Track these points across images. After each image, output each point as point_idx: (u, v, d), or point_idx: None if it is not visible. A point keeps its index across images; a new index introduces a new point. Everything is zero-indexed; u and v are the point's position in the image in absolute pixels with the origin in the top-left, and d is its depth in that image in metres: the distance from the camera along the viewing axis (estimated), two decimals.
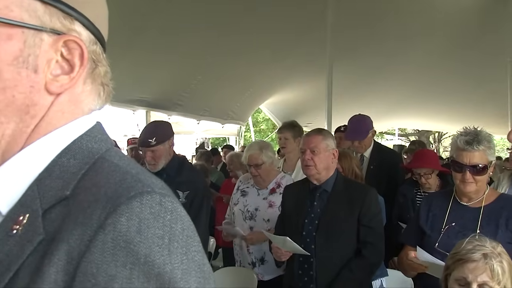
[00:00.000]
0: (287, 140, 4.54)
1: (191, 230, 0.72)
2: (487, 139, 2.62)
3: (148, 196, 0.69)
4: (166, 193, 0.72)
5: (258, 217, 3.85)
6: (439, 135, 24.89)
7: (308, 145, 3.11)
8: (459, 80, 10.42)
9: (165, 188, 0.74)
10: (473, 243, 1.92)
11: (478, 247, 1.89)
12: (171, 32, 6.75)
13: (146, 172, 0.77)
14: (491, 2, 7.80)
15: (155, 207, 0.68)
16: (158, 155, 3.53)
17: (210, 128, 11.78)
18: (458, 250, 1.94)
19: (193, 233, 0.72)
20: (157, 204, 0.69)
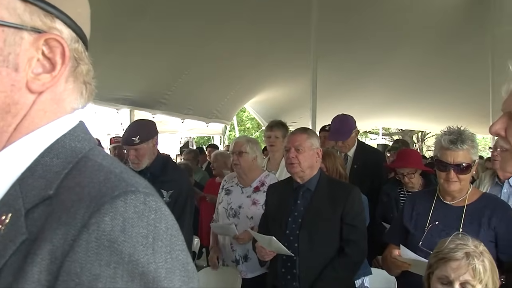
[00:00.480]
0: (277, 138, 4.56)
1: (175, 229, 0.72)
2: (471, 139, 2.65)
3: (132, 195, 0.69)
4: (150, 192, 0.72)
5: (241, 215, 3.86)
6: (423, 135, 25.12)
7: (293, 143, 3.12)
8: (442, 81, 10.52)
9: (149, 187, 0.74)
10: (456, 242, 1.93)
11: (460, 246, 1.90)
12: (155, 31, 6.72)
13: (130, 171, 0.76)
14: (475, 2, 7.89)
15: (139, 206, 0.68)
16: (142, 154, 3.51)
17: (195, 127, 11.75)
18: (441, 249, 1.96)
19: (177, 232, 0.72)
20: (141, 203, 0.69)
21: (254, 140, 4.15)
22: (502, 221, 2.62)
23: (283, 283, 3.06)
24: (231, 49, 8.00)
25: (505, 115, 1.40)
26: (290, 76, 9.75)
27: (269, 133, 4.67)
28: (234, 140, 4.05)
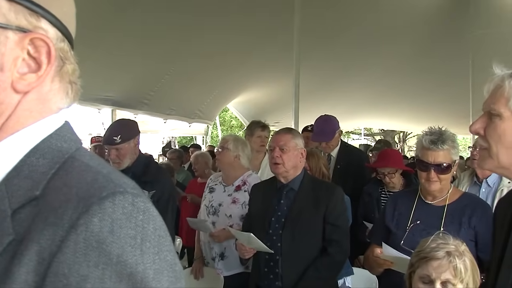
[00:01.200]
0: (267, 138, 4.61)
1: (163, 230, 0.72)
2: (451, 139, 2.68)
3: (121, 196, 0.69)
4: (139, 193, 0.72)
5: (220, 213, 3.87)
6: (404, 135, 25.32)
7: (278, 142, 3.13)
8: (423, 82, 10.63)
9: (137, 188, 0.74)
10: (437, 241, 1.95)
11: (442, 245, 1.93)
12: (138, 31, 6.68)
13: (117, 172, 0.76)
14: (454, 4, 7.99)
15: (127, 207, 0.68)
16: (123, 154, 3.49)
17: (177, 127, 11.70)
18: (423, 248, 1.98)
19: (165, 233, 0.72)
20: (130, 204, 0.69)
21: (242, 139, 4.16)
22: (482, 220, 2.66)
23: (266, 283, 3.07)
24: (214, 50, 7.98)
25: (485, 114, 1.43)
26: (272, 76, 9.77)
27: (260, 132, 4.71)
28: (222, 136, 4.10)
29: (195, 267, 4.11)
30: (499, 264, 1.54)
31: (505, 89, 1.37)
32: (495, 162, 1.42)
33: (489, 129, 1.41)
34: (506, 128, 1.38)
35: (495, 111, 1.39)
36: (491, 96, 1.42)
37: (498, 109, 1.38)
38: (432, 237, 2.00)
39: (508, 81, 1.37)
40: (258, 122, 4.92)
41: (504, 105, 1.37)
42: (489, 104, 1.42)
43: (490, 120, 1.41)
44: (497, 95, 1.39)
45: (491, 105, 1.40)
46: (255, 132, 4.78)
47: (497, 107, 1.38)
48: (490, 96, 1.42)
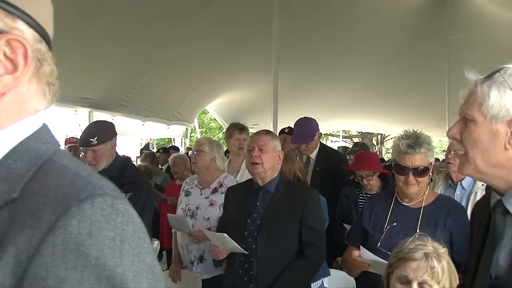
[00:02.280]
0: (245, 141, 4.59)
1: (142, 232, 0.72)
2: (427, 142, 2.72)
3: (100, 198, 0.68)
4: (118, 195, 0.72)
5: (198, 215, 3.86)
6: (382, 137, 25.53)
7: (257, 142, 3.13)
8: (400, 85, 10.74)
9: (116, 190, 0.74)
10: (416, 242, 1.98)
11: (420, 246, 1.95)
12: (116, 31, 6.63)
13: (96, 174, 0.76)
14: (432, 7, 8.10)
15: (106, 209, 0.68)
16: (100, 155, 3.45)
17: (155, 129, 11.63)
18: (401, 249, 2.00)
19: (144, 235, 0.72)
20: (109, 206, 0.68)
21: (217, 142, 4.16)
22: (456, 222, 2.70)
23: (240, 285, 3.06)
24: (193, 52, 7.96)
25: (461, 120, 1.45)
26: (251, 78, 9.77)
27: (238, 135, 4.70)
28: (196, 139, 4.07)
29: (173, 270, 4.09)
30: (476, 267, 1.56)
31: (478, 94, 1.39)
32: (473, 166, 1.44)
33: (465, 134, 1.43)
34: (480, 133, 1.40)
35: (469, 116, 1.41)
36: (465, 101, 1.44)
37: (472, 114, 1.40)
38: (411, 238, 2.02)
39: (481, 86, 1.39)
40: (237, 124, 4.92)
41: (478, 110, 1.39)
42: (464, 109, 1.44)
43: (466, 125, 1.43)
44: (470, 100, 1.42)
45: (466, 110, 1.43)
46: (234, 134, 4.77)
47: (471, 112, 1.41)
48: (465, 101, 1.44)
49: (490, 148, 1.40)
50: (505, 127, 1.38)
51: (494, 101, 1.37)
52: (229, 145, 4.95)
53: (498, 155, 1.41)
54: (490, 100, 1.37)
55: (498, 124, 1.38)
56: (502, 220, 1.47)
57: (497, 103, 1.37)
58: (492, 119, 1.38)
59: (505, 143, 1.39)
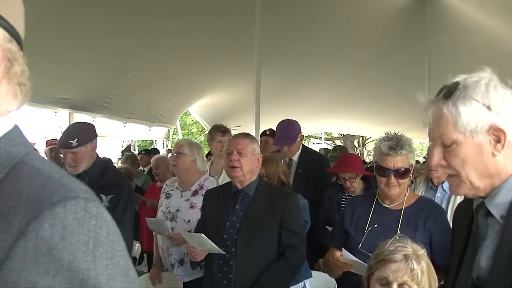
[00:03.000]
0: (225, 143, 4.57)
1: (116, 235, 0.71)
2: (408, 144, 2.74)
3: (73, 201, 0.67)
4: (91, 198, 0.71)
5: (179, 218, 3.85)
6: (363, 139, 25.68)
7: (236, 146, 3.11)
8: (382, 87, 10.82)
9: (89, 192, 0.73)
10: (396, 244, 1.98)
11: (400, 248, 1.96)
12: (97, 31, 6.57)
13: (69, 176, 0.75)
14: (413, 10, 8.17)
15: (79, 213, 0.67)
16: (80, 157, 3.42)
17: (137, 131, 11.55)
18: (381, 251, 2.00)
19: (118, 238, 0.71)
20: (82, 210, 0.68)
21: (196, 144, 4.14)
22: (436, 223, 2.73)
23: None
24: (175, 53, 7.93)
25: (438, 146, 1.45)
26: (234, 81, 9.78)
27: (220, 137, 4.68)
28: (175, 142, 4.04)
29: (153, 272, 4.07)
30: (458, 268, 1.57)
31: (448, 116, 1.39)
32: (468, 185, 1.44)
33: (450, 158, 1.43)
34: (466, 151, 1.40)
35: (448, 140, 1.41)
36: (435, 128, 1.43)
37: (451, 137, 1.40)
38: (391, 240, 2.03)
39: (447, 107, 1.39)
40: (219, 126, 4.90)
41: (454, 131, 1.39)
42: (438, 136, 1.43)
43: (446, 149, 1.43)
44: (442, 125, 1.41)
45: (442, 137, 1.42)
46: (216, 137, 4.76)
47: (449, 136, 1.40)
48: (434, 128, 1.43)
49: (481, 162, 1.41)
50: (486, 136, 1.39)
51: (467, 117, 1.37)
52: (212, 147, 4.94)
53: (488, 165, 1.41)
54: (462, 117, 1.37)
55: (479, 137, 1.39)
56: (484, 221, 1.49)
57: (471, 117, 1.37)
58: (472, 134, 1.38)
59: (491, 151, 1.40)
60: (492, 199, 1.45)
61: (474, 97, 1.37)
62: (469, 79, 1.41)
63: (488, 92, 1.38)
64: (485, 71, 1.43)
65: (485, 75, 1.42)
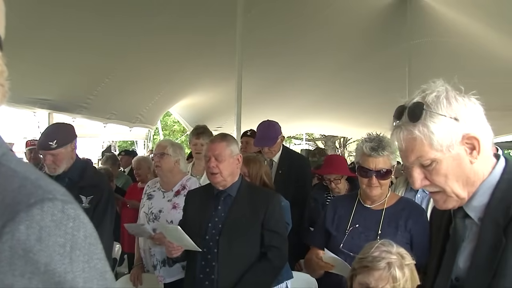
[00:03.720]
0: (203, 146, 4.53)
1: (94, 238, 0.70)
2: (390, 145, 2.76)
3: (50, 203, 0.66)
4: (69, 200, 0.70)
5: (161, 219, 3.83)
6: (344, 140, 25.81)
7: (213, 152, 3.09)
8: (362, 89, 10.89)
9: (67, 194, 0.72)
10: (381, 249, 2.00)
11: (384, 254, 1.97)
12: (77, 31, 6.49)
13: (46, 178, 0.73)
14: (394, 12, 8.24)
15: (57, 215, 0.66)
16: (59, 159, 3.39)
17: (117, 131, 11.48)
18: (366, 256, 2.02)
19: (96, 240, 0.70)
20: (59, 212, 0.67)
21: (178, 144, 4.13)
22: (417, 223, 2.76)
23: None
24: (156, 54, 7.88)
25: (417, 167, 1.46)
26: (215, 81, 9.75)
27: (195, 140, 4.65)
28: (157, 142, 4.01)
29: (134, 274, 4.04)
30: (437, 269, 1.59)
31: (421, 138, 1.40)
32: (455, 197, 1.46)
33: (432, 176, 1.44)
34: (447, 166, 1.42)
35: (427, 161, 1.42)
36: (410, 152, 1.44)
37: (429, 157, 1.41)
38: (377, 243, 2.04)
39: (417, 129, 1.40)
40: (196, 128, 4.86)
41: (431, 150, 1.40)
42: (415, 159, 1.44)
43: (426, 169, 1.44)
44: (416, 148, 1.42)
45: (419, 159, 1.43)
46: (192, 139, 4.73)
47: (427, 156, 1.41)
48: (409, 152, 1.44)
49: (462, 173, 1.43)
50: (461, 146, 1.41)
51: (440, 134, 1.38)
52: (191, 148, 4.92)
53: (469, 174, 1.44)
54: (436, 136, 1.38)
55: (455, 149, 1.40)
56: (462, 224, 1.51)
57: (444, 133, 1.38)
58: (449, 149, 1.40)
59: (469, 159, 1.42)
60: (470, 202, 1.48)
61: (440, 113, 1.39)
62: (428, 96, 1.42)
63: (451, 104, 1.40)
64: (436, 83, 1.45)
65: (440, 87, 1.43)
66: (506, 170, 1.48)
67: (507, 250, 1.36)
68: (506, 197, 1.43)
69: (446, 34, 8.27)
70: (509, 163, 1.50)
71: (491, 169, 1.47)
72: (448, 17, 7.91)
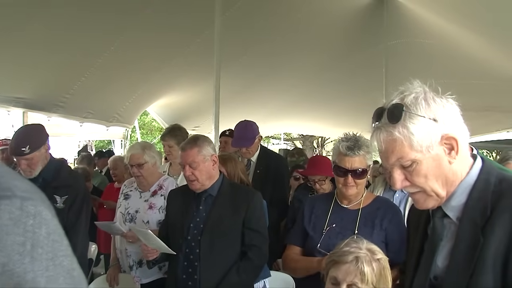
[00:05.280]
0: (171, 148, 4.48)
1: (58, 234, 0.68)
2: (366, 144, 2.78)
3: (7, 200, 0.64)
4: (29, 197, 0.67)
5: (138, 219, 3.80)
6: (322, 140, 25.91)
7: (186, 160, 3.07)
8: (340, 89, 10.93)
9: (29, 191, 0.69)
10: (350, 245, 2.02)
11: (353, 249, 1.99)
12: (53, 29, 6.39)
13: (8, 174, 0.71)
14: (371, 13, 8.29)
15: (15, 212, 0.64)
16: (34, 162, 3.34)
17: (94, 130, 11.32)
18: (335, 251, 2.04)
19: (61, 237, 0.68)
20: (18, 209, 0.64)
21: (149, 145, 4.05)
22: (392, 222, 2.78)
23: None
24: (134, 53, 7.80)
25: (397, 168, 1.47)
26: (194, 81, 9.69)
27: (163, 142, 4.60)
28: (129, 151, 3.92)
29: (110, 274, 4.00)
30: (415, 268, 1.60)
31: (401, 139, 1.41)
32: (435, 197, 1.48)
33: (413, 177, 1.45)
34: (427, 167, 1.43)
35: (407, 162, 1.43)
36: (390, 153, 1.45)
37: (409, 158, 1.42)
38: (347, 240, 2.05)
39: (396, 131, 1.41)
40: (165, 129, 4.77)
41: (411, 151, 1.41)
42: (396, 161, 1.45)
43: (406, 170, 1.45)
44: (396, 149, 1.43)
45: (399, 160, 1.44)
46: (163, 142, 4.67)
47: (407, 158, 1.43)
48: (389, 153, 1.45)
49: (441, 173, 1.45)
50: (440, 147, 1.42)
51: (419, 135, 1.40)
52: None
53: (448, 174, 1.46)
54: (415, 137, 1.40)
55: (434, 150, 1.42)
56: (441, 223, 1.53)
57: (423, 134, 1.40)
58: (429, 149, 1.41)
59: (448, 160, 1.44)
60: (448, 202, 1.50)
61: (419, 114, 1.40)
62: (407, 98, 1.43)
63: (429, 105, 1.41)
64: (413, 84, 1.47)
65: (418, 89, 1.45)
66: (483, 170, 1.50)
67: (485, 249, 1.38)
68: (483, 197, 1.45)
69: (422, 35, 8.35)
70: (486, 163, 1.52)
71: (468, 169, 1.49)
72: (424, 18, 7.98)
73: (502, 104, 10.23)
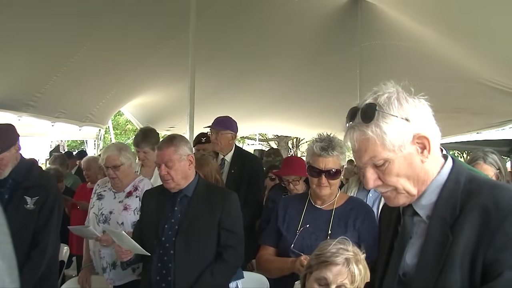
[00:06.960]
0: (146, 154, 4.40)
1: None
2: (340, 145, 2.80)
3: None
4: None
5: (112, 220, 3.75)
6: (297, 141, 25.99)
7: (162, 159, 3.05)
8: (315, 90, 10.98)
9: None
10: (337, 246, 2.02)
11: (341, 251, 2.00)
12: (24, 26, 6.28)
13: None
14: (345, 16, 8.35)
15: None
16: (4, 163, 3.29)
17: (66, 130, 11.15)
18: (323, 252, 2.03)
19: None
20: None
21: (125, 146, 4.00)
22: (364, 222, 2.81)
23: None
24: (107, 53, 7.71)
25: (370, 167, 1.49)
26: (168, 81, 9.63)
27: (137, 149, 4.51)
28: (105, 153, 3.85)
29: (82, 276, 3.94)
30: (386, 265, 1.62)
31: (374, 138, 1.43)
32: (406, 194, 1.50)
33: (385, 176, 1.47)
34: (399, 166, 1.45)
35: (380, 161, 1.45)
36: (363, 152, 1.46)
37: (382, 157, 1.44)
38: (333, 241, 2.06)
39: (370, 130, 1.43)
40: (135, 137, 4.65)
41: (384, 150, 1.43)
42: (369, 159, 1.46)
43: (379, 169, 1.47)
44: (370, 148, 1.45)
45: (372, 159, 1.46)
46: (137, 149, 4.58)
47: (379, 156, 1.44)
48: (362, 152, 1.47)
49: (413, 172, 1.47)
50: (412, 146, 1.44)
51: (392, 134, 1.42)
52: None
53: (419, 173, 1.48)
54: (388, 136, 1.41)
55: (407, 149, 1.44)
56: (411, 221, 1.55)
57: (396, 133, 1.42)
58: (401, 148, 1.43)
59: (420, 159, 1.46)
60: (419, 201, 1.52)
61: (392, 113, 1.42)
62: (380, 98, 1.45)
63: (402, 105, 1.44)
64: (387, 85, 1.49)
65: (391, 89, 1.47)
66: (453, 170, 1.52)
67: (454, 247, 1.40)
68: (453, 196, 1.47)
69: (396, 38, 8.44)
70: (456, 163, 1.55)
71: (439, 168, 1.52)
72: (398, 21, 8.07)
73: (473, 106, 10.41)
